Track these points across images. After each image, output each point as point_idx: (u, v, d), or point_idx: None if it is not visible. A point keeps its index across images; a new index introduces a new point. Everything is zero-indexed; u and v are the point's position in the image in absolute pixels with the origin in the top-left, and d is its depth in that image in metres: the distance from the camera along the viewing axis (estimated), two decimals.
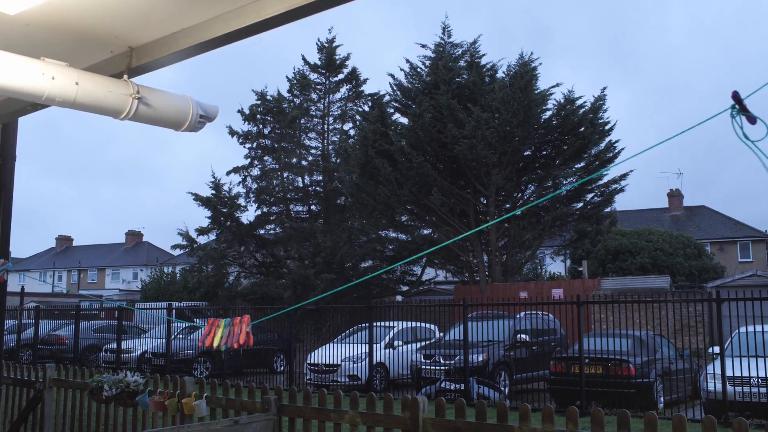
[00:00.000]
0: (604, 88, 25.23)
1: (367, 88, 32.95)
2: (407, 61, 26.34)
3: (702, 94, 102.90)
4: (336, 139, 32.16)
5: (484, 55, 25.83)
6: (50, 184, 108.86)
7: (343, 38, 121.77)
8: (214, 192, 30.71)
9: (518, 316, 15.44)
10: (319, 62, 32.22)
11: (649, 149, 2.88)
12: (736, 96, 2.44)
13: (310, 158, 31.84)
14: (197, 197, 30.43)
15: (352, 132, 31.49)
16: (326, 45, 31.96)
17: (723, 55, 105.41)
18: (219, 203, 30.36)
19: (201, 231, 31.12)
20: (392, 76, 26.56)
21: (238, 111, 31.61)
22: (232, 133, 31.71)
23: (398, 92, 26.48)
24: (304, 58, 32.30)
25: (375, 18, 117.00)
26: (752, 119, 2.41)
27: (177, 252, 34.74)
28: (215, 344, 4.37)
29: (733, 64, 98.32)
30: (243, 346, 4.43)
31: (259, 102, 31.57)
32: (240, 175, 31.98)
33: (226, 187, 31.11)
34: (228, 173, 31.92)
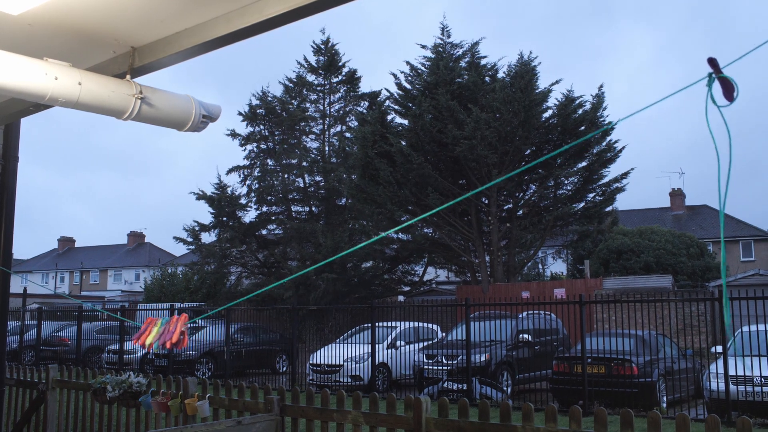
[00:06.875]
0: (601, 86, 25.26)
1: (371, 86, 32.94)
2: (407, 63, 26.36)
3: None
4: (335, 141, 32.13)
5: (485, 57, 25.84)
6: (43, 176, 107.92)
7: (369, 14, 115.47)
8: (217, 192, 30.67)
9: (520, 316, 15.43)
10: (317, 63, 32.18)
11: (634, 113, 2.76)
12: (712, 62, 2.37)
13: (310, 159, 31.79)
14: (202, 195, 30.31)
15: (350, 134, 31.41)
16: (323, 47, 31.92)
17: None
18: (222, 202, 30.30)
19: (203, 228, 31.05)
20: (394, 75, 26.58)
21: (239, 113, 31.50)
22: (234, 135, 31.59)
23: (398, 92, 26.47)
24: (305, 58, 32.30)
25: None
26: (729, 86, 2.32)
27: (180, 248, 34.65)
28: (148, 342, 4.18)
29: None
30: (176, 347, 4.22)
31: (260, 102, 31.51)
32: (240, 174, 31.95)
33: (229, 190, 31.07)
34: (228, 172, 31.86)
